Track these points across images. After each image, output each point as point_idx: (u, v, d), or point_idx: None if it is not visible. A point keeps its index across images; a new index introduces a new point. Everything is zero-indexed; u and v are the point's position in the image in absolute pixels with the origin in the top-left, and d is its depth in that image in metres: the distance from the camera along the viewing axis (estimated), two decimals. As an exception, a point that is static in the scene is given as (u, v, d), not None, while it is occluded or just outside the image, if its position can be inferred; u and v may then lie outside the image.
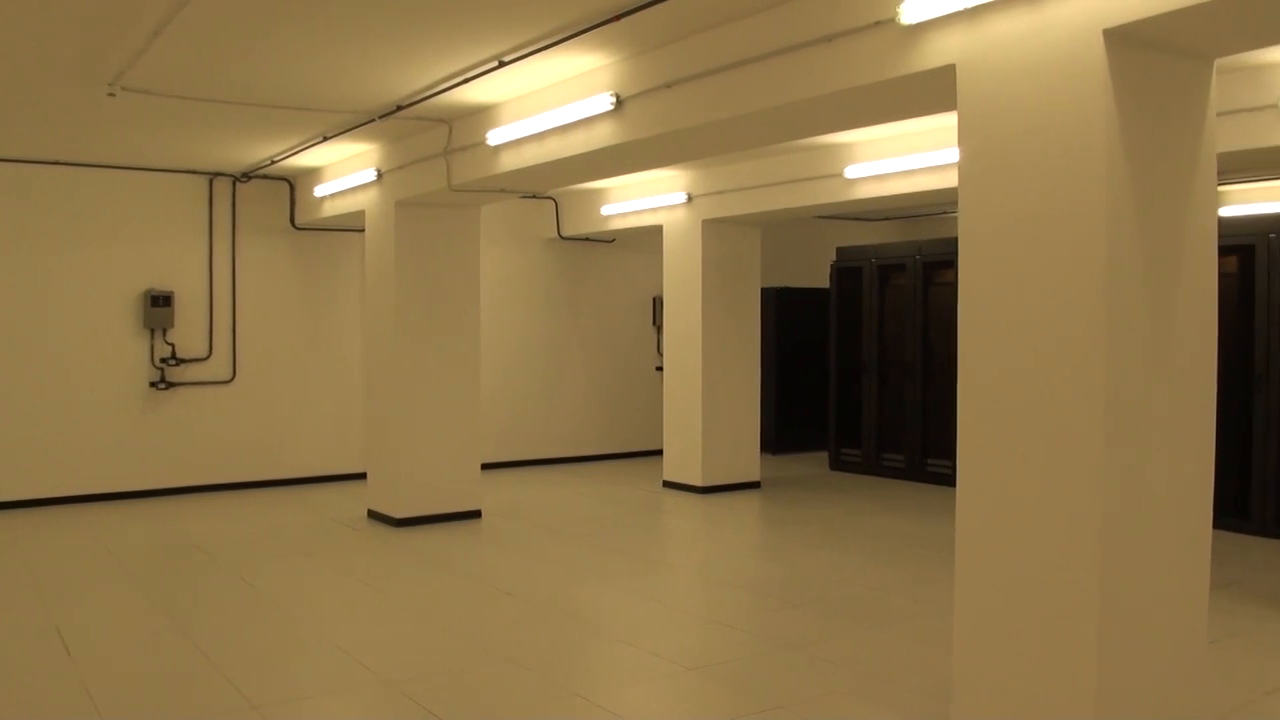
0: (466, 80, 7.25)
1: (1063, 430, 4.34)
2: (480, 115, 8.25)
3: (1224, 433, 6.76)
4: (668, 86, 6.37)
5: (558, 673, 5.74)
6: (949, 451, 11.37)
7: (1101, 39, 4.16)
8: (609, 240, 14.20)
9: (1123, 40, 4.23)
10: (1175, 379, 4.56)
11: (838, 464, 13.63)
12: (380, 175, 9.76)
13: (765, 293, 13.88)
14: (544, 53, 6.58)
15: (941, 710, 4.99)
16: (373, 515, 10.11)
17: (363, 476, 11.87)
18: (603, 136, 7.04)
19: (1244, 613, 6.95)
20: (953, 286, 4.86)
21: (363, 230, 11.14)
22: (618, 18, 5.84)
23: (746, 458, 11.95)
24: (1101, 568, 4.24)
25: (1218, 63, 4.81)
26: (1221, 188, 11.88)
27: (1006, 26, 4.48)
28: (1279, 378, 9.25)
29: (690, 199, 11.45)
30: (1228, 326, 9.09)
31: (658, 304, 14.39)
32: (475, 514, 10.15)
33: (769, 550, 9.07)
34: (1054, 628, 4.38)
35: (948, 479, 11.63)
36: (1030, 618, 4.47)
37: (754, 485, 11.96)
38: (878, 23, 4.98)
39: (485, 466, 12.16)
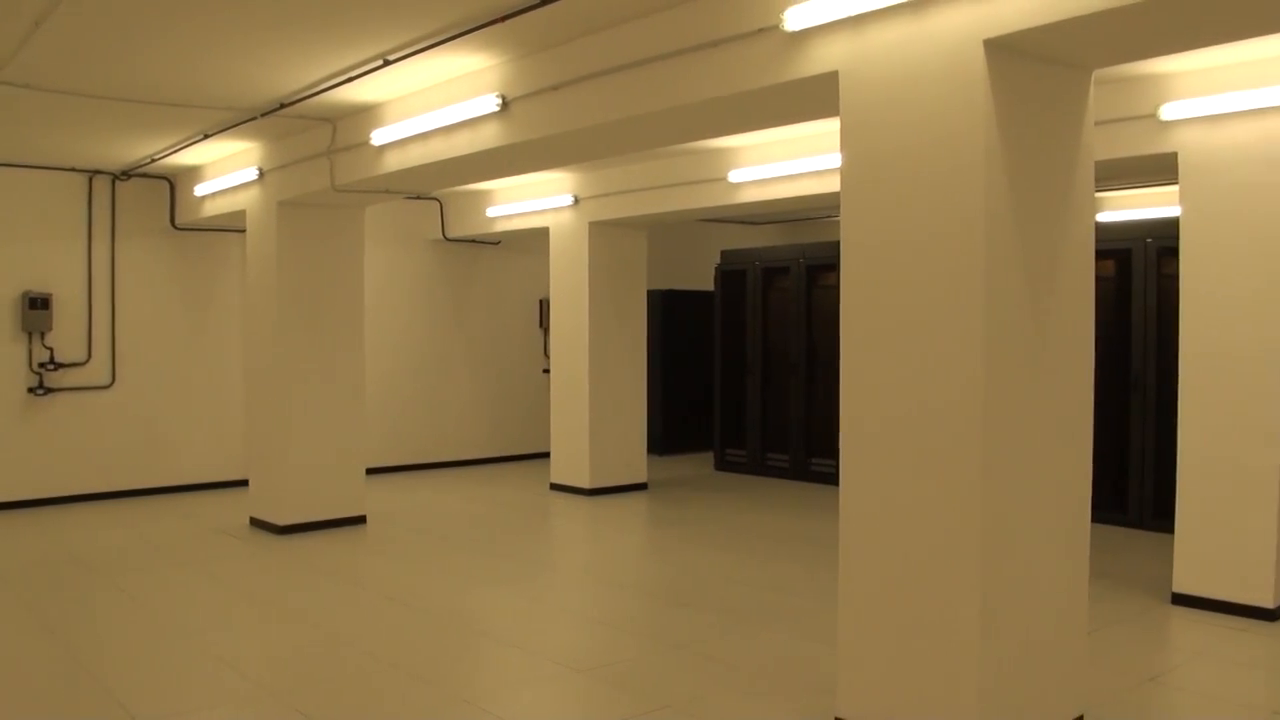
0: (351, 79, 7.16)
1: (944, 430, 4.43)
2: (365, 114, 8.16)
3: (1102, 431, 6.97)
4: (554, 89, 6.37)
5: (445, 679, 5.70)
6: (832, 451, 11.54)
7: (982, 49, 4.26)
8: (495, 242, 14.14)
9: (1003, 50, 4.34)
10: (1054, 379, 4.69)
11: (723, 464, 13.74)
12: (262, 174, 9.59)
13: (651, 295, 13.96)
14: (429, 52, 6.53)
15: (827, 705, 5.06)
16: (255, 523, 9.93)
17: (245, 484, 11.65)
18: (488, 138, 7.01)
19: (1123, 601, 7.17)
20: (836, 289, 4.95)
21: (244, 231, 10.93)
22: (504, 18, 5.82)
23: (633, 459, 11.99)
24: (982, 562, 4.34)
25: (1097, 73, 4.96)
26: (1100, 194, 12.22)
27: (889, 35, 4.56)
28: (1155, 378, 9.55)
29: (577, 201, 11.46)
30: (1105, 328, 9.38)
31: (544, 306, 14.38)
32: (360, 520, 10.02)
33: (656, 551, 9.11)
34: (937, 621, 4.48)
35: (831, 478, 11.80)
36: (913, 612, 4.56)
37: (641, 487, 12.00)
38: (762, 29, 5.03)
39: (370, 471, 12.05)
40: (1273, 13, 4.13)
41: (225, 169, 10.23)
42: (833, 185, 8.70)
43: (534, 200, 11.77)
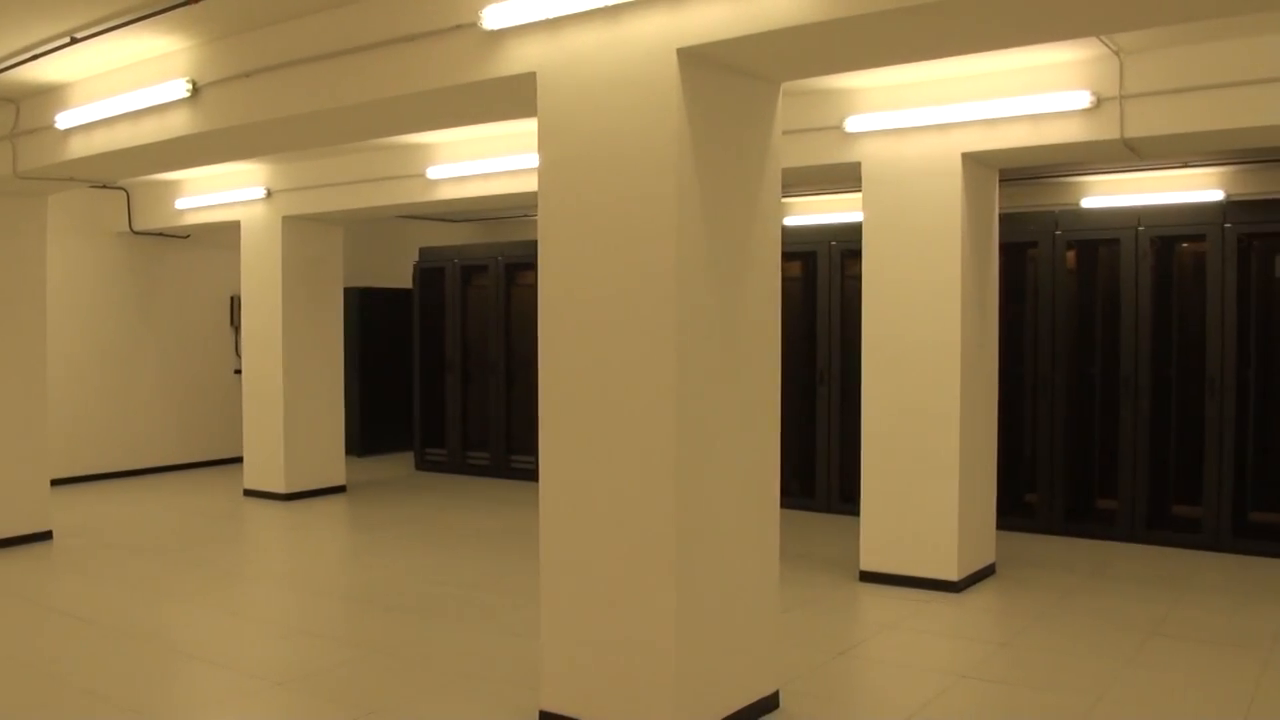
0: (35, 57, 6.65)
1: (639, 425, 4.55)
2: (51, 96, 7.59)
3: (792, 423, 7.30)
4: (247, 76, 6.13)
5: (139, 701, 5.40)
6: (533, 448, 11.60)
7: (675, 58, 4.39)
8: (184, 236, 13.43)
9: (695, 60, 4.47)
10: (743, 374, 4.87)
11: (424, 464, 13.61)
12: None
13: (348, 293, 13.63)
14: (119, 31, 6.13)
15: (533, 699, 5.08)
16: (-81, 543, 9.16)
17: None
18: (177, 125, 6.68)
19: (814, 582, 7.55)
20: (534, 288, 4.99)
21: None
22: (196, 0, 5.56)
23: (331, 461, 11.71)
24: (677, 551, 4.49)
25: (787, 86, 5.17)
26: (788, 199, 12.75)
27: (585, 39, 4.62)
28: (839, 371, 10.04)
29: (270, 194, 11.07)
30: (793, 327, 9.80)
31: (236, 303, 13.80)
32: (46, 535, 9.34)
33: (357, 554, 8.95)
34: (635, 610, 4.59)
35: (532, 474, 11.87)
36: (612, 602, 4.66)
37: (340, 489, 11.73)
38: (460, 26, 5.01)
39: (54, 483, 11.27)
40: (943, 39, 4.51)
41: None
42: (531, 185, 8.74)
43: (225, 192, 11.27)
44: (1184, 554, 8.48)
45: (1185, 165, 11.24)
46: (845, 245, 9.94)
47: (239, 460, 13.19)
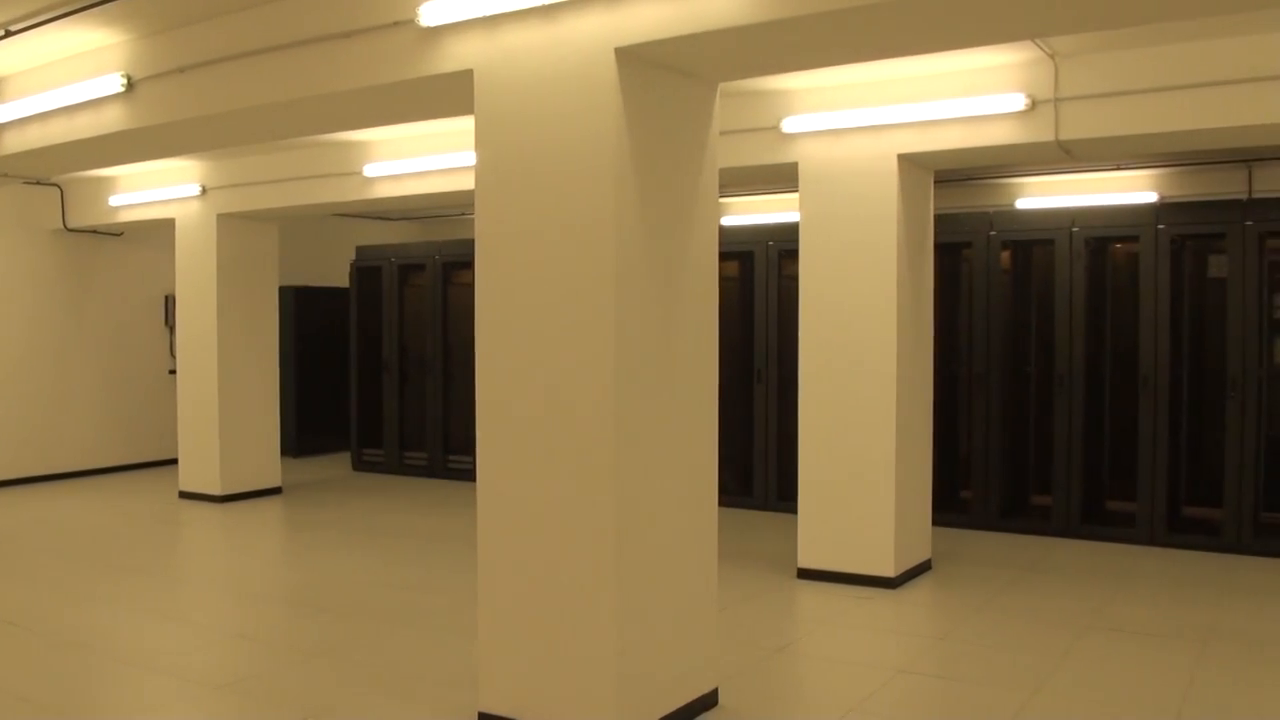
0: (-32, 50, 6.56)
1: (577, 424, 4.55)
2: (-18, 90, 7.48)
3: (730, 422, 7.32)
4: (182, 71, 6.05)
5: (76, 708, 5.31)
6: (470, 448, 11.52)
7: (614, 57, 4.39)
8: (118, 233, 13.22)
9: (633, 60, 4.48)
10: (681, 374, 4.89)
11: (361, 465, 13.49)
12: None
13: (284, 292, 13.50)
14: (55, 24, 6.03)
15: (472, 701, 5.05)
16: None
17: None
18: (112, 120, 6.57)
19: (752, 579, 7.58)
20: (472, 287, 4.98)
21: None
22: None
23: (267, 463, 11.58)
24: (616, 550, 4.48)
25: (725, 86, 5.19)
26: (725, 199, 12.79)
27: (523, 37, 4.60)
28: (777, 372, 10.09)
29: (204, 191, 10.92)
30: (731, 326, 9.83)
31: (170, 302, 13.60)
32: (-30, 538, 9.19)
33: (293, 557, 8.86)
34: (574, 610, 4.58)
35: (470, 475, 11.81)
36: (552, 602, 4.65)
37: (276, 491, 11.61)
38: (398, 22, 4.98)
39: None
40: (879, 41, 4.55)
41: None
42: (468, 183, 8.69)
43: (159, 189, 11.09)
44: (1118, 549, 8.61)
45: (1119, 167, 11.41)
46: (782, 245, 9.99)
47: (174, 462, 13.02)
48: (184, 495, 11.36)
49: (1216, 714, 5.15)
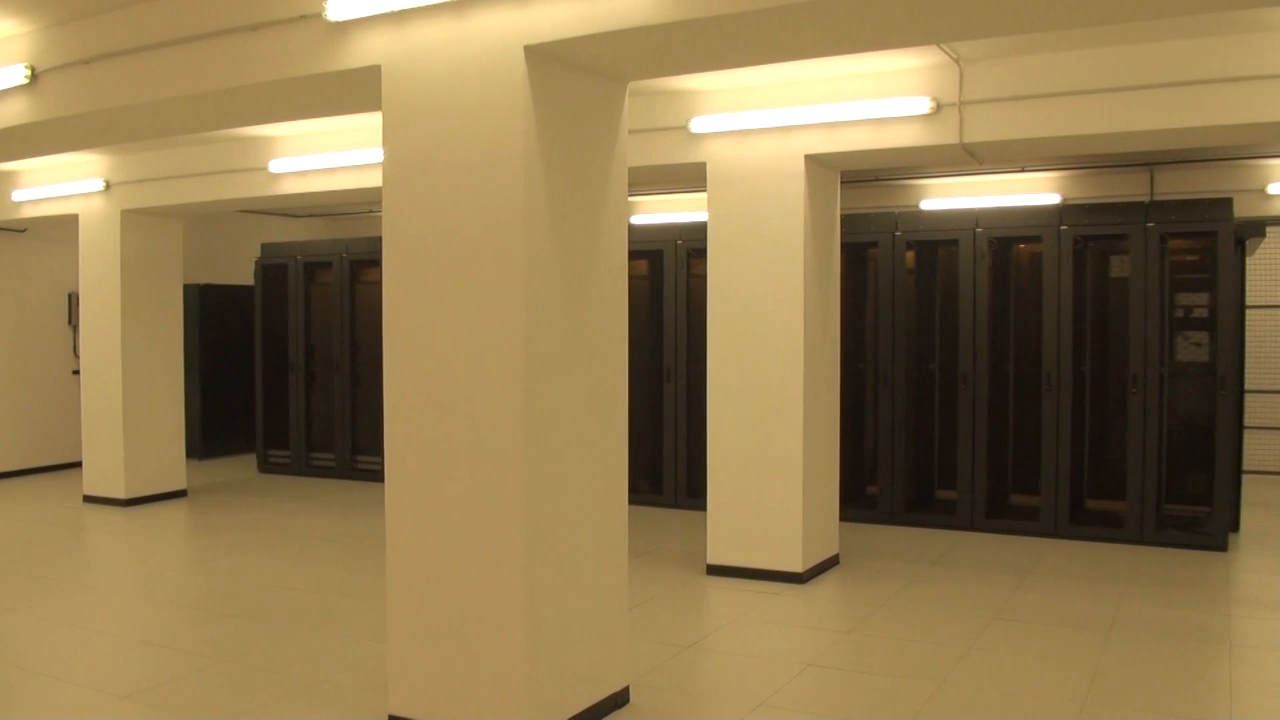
0: None
1: (486, 423, 4.54)
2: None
3: (640, 419, 7.35)
4: (87, 63, 5.90)
5: (-34, 714, 5.20)
6: (378, 448, 11.42)
7: (523, 54, 4.39)
8: (21, 229, 12.87)
9: (542, 57, 4.48)
10: (590, 371, 4.89)
11: (267, 466, 13.31)
12: None
13: (189, 289, 13.27)
14: (-46, 14, 5.89)
15: (381, 704, 5.02)
16: None
17: None
18: (15, 113, 6.39)
19: (663, 577, 7.61)
20: (379, 285, 4.95)
21: None
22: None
23: (172, 465, 11.35)
24: (526, 550, 4.48)
25: (635, 85, 5.20)
26: (634, 198, 12.81)
27: (432, 33, 4.58)
28: (686, 370, 10.13)
29: (109, 186, 10.68)
30: (640, 325, 9.86)
31: (74, 301, 13.28)
32: None
33: (200, 561, 8.72)
34: (484, 610, 4.58)
35: (378, 475, 11.64)
36: (462, 603, 4.64)
37: (181, 494, 11.39)
38: (305, 16, 4.93)
39: None
40: (787, 43, 4.60)
41: None
42: (376, 180, 8.62)
43: (62, 184, 10.82)
44: (1023, 541, 8.78)
45: (1023, 169, 11.64)
46: (691, 244, 10.04)
47: (78, 465, 12.71)
48: (88, 499, 11.10)
49: (1121, 701, 5.27)
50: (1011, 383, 9.43)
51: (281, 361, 13.22)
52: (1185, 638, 6.29)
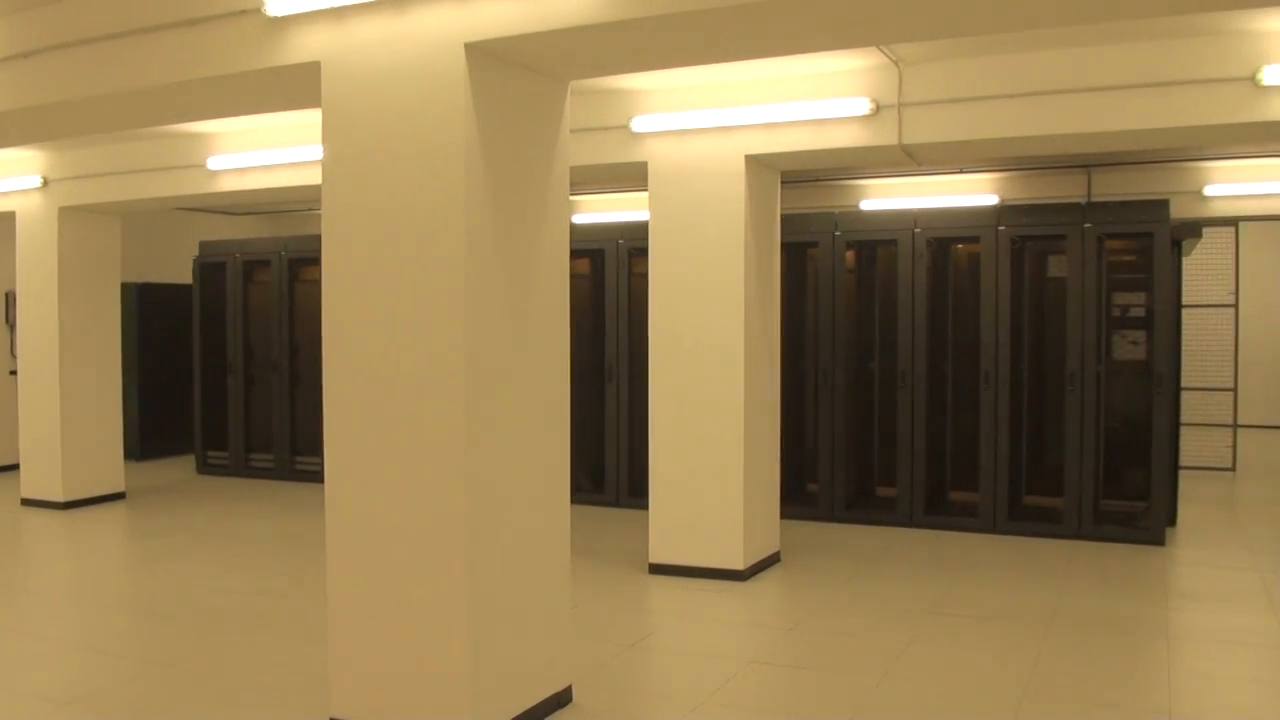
0: None
1: (427, 423, 4.52)
2: None
3: (583, 418, 7.36)
4: (25, 57, 5.81)
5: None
6: (318, 449, 11.35)
7: (463, 52, 4.37)
8: (-45, 228, 12.65)
9: (483, 55, 4.47)
10: (533, 371, 4.89)
11: (206, 468, 13.16)
12: None
13: (126, 288, 13.10)
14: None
15: (322, 706, 4.99)
16: None
17: None
18: (-50, 108, 6.31)
19: (605, 576, 7.63)
20: (319, 284, 4.92)
21: None
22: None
23: (110, 467, 11.18)
24: (468, 550, 4.47)
25: (577, 84, 5.20)
26: (575, 197, 12.81)
27: (371, 30, 4.56)
28: (628, 369, 10.14)
29: (46, 183, 10.51)
30: (582, 324, 9.86)
31: (11, 299, 13.05)
32: None
33: (139, 564, 8.61)
34: (426, 611, 4.56)
35: (318, 476, 11.58)
36: (403, 604, 4.62)
37: (119, 496, 11.24)
38: (244, 11, 4.88)
39: None
40: (727, 44, 4.61)
41: None
42: (316, 177, 8.55)
43: (-1, 180, 10.68)
44: (962, 537, 8.88)
45: (961, 171, 11.76)
46: (633, 243, 10.06)
47: (15, 468, 12.51)
48: (26, 502, 10.91)
49: (1061, 692, 5.35)
50: (950, 381, 9.54)
51: (220, 361, 13.08)
52: (1123, 630, 6.39)
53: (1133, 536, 8.63)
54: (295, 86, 5.14)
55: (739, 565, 7.44)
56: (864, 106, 6.87)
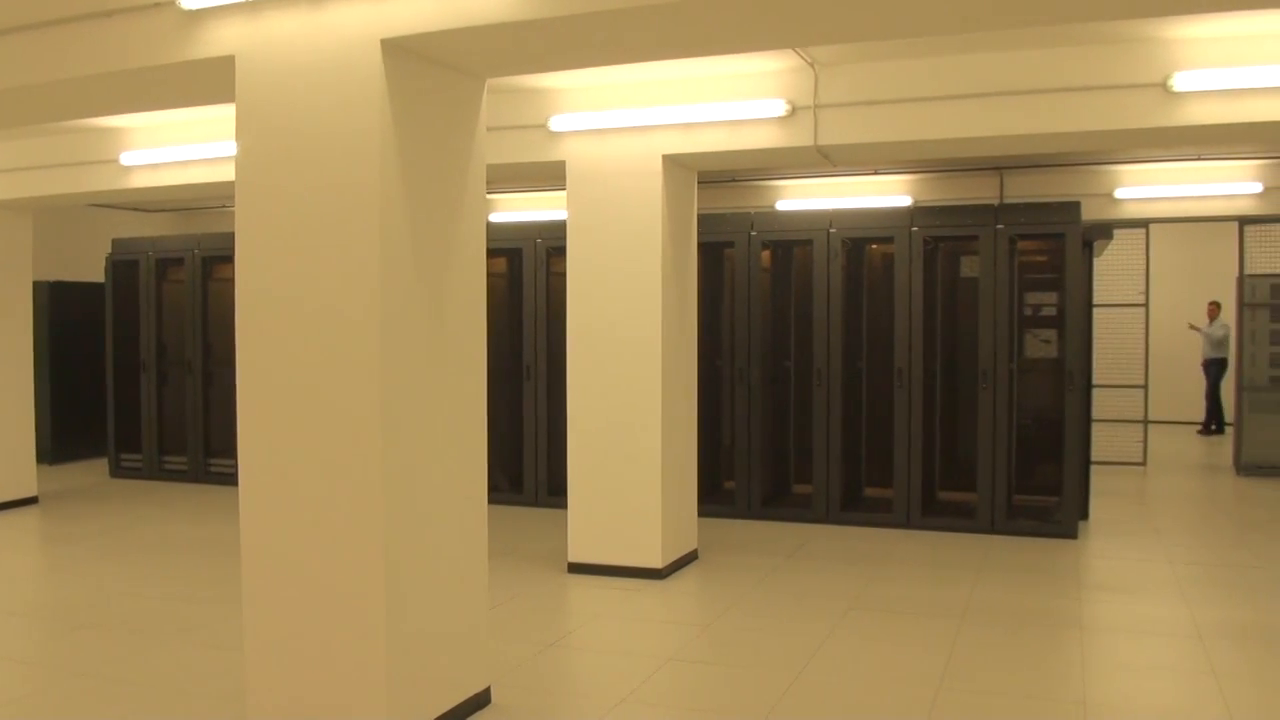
0: None
1: (343, 423, 4.50)
2: None
3: (500, 418, 7.34)
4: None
5: None
6: (233, 451, 11.21)
7: (379, 48, 4.36)
8: None
9: (399, 51, 4.46)
10: (449, 370, 4.89)
11: (119, 471, 12.92)
12: None
13: (37, 287, 12.81)
14: None
15: (239, 713, 4.93)
16: None
17: None
18: None
19: (523, 576, 7.64)
20: (233, 282, 4.87)
21: None
22: None
23: (21, 471, 10.91)
24: (385, 551, 4.46)
25: (496, 83, 5.19)
26: (493, 196, 12.78)
27: (287, 24, 4.53)
28: (545, 368, 10.15)
29: (-49, 180, 10.30)
30: (499, 322, 9.85)
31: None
32: None
33: (53, 570, 8.45)
34: (343, 614, 4.53)
35: (232, 479, 11.38)
36: (319, 607, 4.59)
37: (31, 501, 10.98)
38: (158, 4, 4.81)
39: None
40: (643, 44, 4.69)
41: None
42: (229, 173, 8.44)
43: (-97, 178, 10.41)
44: (877, 533, 9.01)
45: (876, 172, 11.93)
46: (551, 242, 10.06)
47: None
48: (-69, 507, 10.67)
49: (976, 684, 5.46)
50: (865, 379, 9.67)
51: (133, 362, 12.85)
52: (1037, 622, 6.53)
53: (1045, 530, 8.81)
54: (210, 81, 5.08)
55: (657, 564, 7.48)
56: (780, 108, 6.94)
